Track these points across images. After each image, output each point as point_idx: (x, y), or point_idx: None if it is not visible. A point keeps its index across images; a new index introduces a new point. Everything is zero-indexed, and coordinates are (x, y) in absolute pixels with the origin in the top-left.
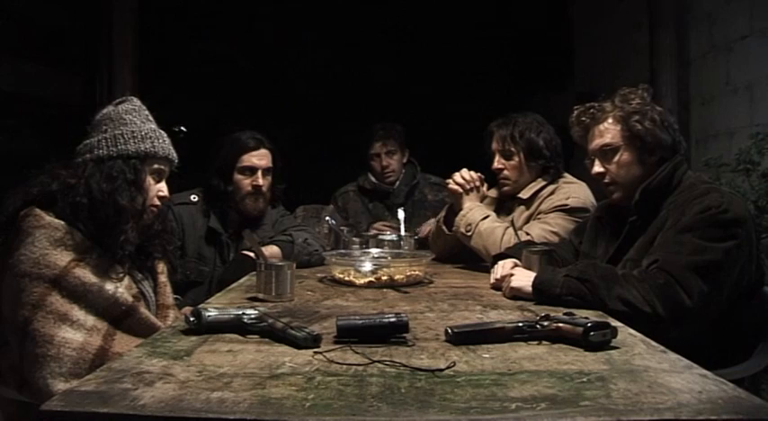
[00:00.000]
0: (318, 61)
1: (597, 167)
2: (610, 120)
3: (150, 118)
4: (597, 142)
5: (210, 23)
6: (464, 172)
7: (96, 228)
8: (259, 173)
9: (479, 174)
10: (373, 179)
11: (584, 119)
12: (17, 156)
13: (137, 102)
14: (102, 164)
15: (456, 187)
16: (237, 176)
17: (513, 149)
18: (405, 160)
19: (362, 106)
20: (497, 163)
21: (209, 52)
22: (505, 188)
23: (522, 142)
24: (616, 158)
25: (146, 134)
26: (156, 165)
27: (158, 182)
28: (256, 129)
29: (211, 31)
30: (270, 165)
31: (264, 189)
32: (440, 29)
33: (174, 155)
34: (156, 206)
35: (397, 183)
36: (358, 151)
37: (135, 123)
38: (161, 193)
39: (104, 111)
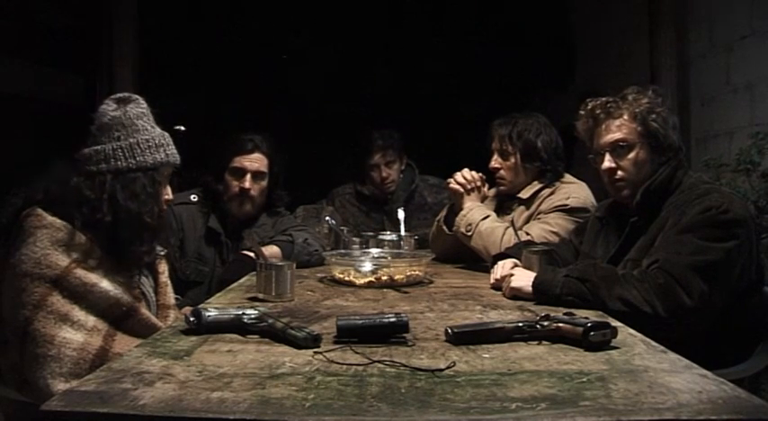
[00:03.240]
0: (319, 62)
1: (609, 163)
2: (625, 117)
3: (153, 119)
4: (611, 137)
5: (211, 23)
6: (465, 172)
7: (115, 243)
8: (248, 176)
9: (480, 174)
10: (372, 187)
11: (598, 112)
12: (16, 156)
13: (143, 103)
14: (121, 176)
15: (457, 187)
16: (227, 177)
17: (509, 150)
18: (403, 166)
19: (362, 106)
20: (494, 162)
21: (209, 52)
22: (501, 187)
23: (520, 143)
24: (631, 155)
25: (159, 142)
26: (166, 173)
27: (166, 186)
28: (255, 128)
29: (212, 31)
30: (263, 169)
31: (253, 193)
32: (440, 29)
33: (179, 159)
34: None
35: (395, 188)
36: (358, 151)
37: (147, 130)
38: (167, 197)
39: (112, 113)
